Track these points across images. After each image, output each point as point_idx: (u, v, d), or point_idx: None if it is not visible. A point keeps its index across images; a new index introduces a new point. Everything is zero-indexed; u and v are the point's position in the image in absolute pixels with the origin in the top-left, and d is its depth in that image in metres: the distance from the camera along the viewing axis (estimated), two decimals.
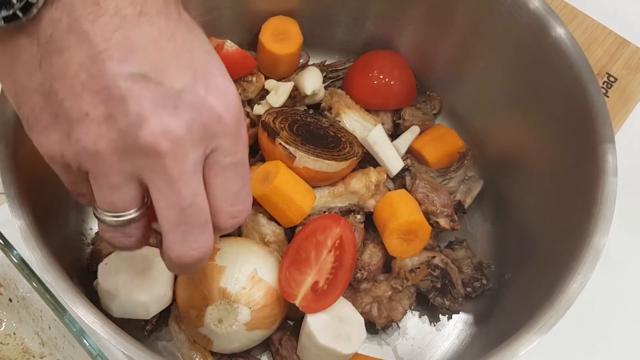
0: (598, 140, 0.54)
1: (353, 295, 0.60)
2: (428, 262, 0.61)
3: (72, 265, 0.58)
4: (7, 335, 0.58)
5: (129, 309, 0.53)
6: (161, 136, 0.33)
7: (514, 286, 0.62)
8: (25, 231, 0.45)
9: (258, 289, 0.54)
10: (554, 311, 0.48)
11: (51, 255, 0.45)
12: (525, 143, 0.65)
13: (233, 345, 0.56)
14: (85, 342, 0.50)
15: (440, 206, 0.62)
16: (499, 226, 0.68)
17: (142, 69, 0.32)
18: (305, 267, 0.55)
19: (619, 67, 0.80)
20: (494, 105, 0.67)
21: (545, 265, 0.57)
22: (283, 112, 0.64)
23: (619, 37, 0.82)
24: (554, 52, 0.57)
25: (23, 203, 0.46)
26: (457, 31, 0.67)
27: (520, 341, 0.47)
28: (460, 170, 0.67)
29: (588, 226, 0.51)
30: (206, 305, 0.53)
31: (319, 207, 0.61)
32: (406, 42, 0.72)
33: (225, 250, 0.56)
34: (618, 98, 0.79)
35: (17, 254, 0.53)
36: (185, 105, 0.33)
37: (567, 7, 0.84)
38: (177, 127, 0.33)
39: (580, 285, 0.49)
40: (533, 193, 0.63)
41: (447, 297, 0.61)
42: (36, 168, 0.52)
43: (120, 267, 0.54)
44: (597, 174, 0.53)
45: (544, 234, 0.60)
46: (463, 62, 0.68)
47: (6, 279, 0.57)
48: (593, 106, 0.54)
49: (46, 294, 0.52)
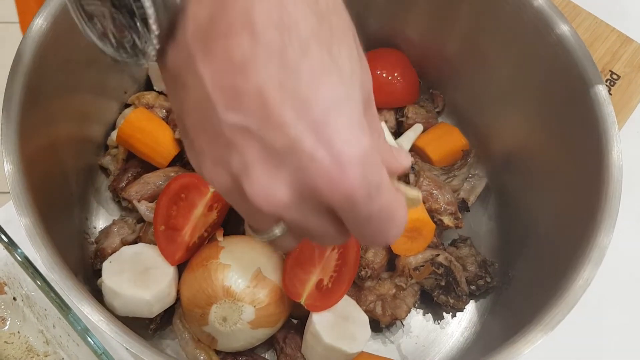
0: (603, 138, 0.53)
1: (357, 293, 0.60)
2: (432, 260, 0.61)
3: (76, 263, 0.58)
4: (11, 334, 0.58)
5: (133, 307, 0.53)
6: (263, 200, 0.31)
7: (518, 284, 0.62)
8: (30, 229, 0.45)
9: (262, 287, 0.54)
10: (559, 309, 0.48)
11: (56, 254, 0.45)
12: (529, 141, 0.65)
13: (237, 343, 0.55)
14: (90, 341, 0.50)
15: (444, 204, 0.62)
16: (503, 224, 0.68)
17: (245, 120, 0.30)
18: (310, 266, 0.55)
19: (622, 64, 0.80)
20: (498, 102, 0.67)
21: (550, 263, 0.57)
22: None
23: (622, 34, 0.82)
24: (558, 50, 0.57)
25: (28, 201, 0.46)
26: (461, 29, 0.66)
27: (525, 339, 0.47)
28: (463, 168, 0.67)
29: (593, 224, 0.51)
30: (210, 303, 0.53)
31: None
32: (409, 40, 0.72)
33: (230, 249, 0.56)
34: (621, 96, 0.78)
35: (21, 252, 0.53)
36: (287, 164, 0.30)
37: (569, 4, 0.83)
38: (278, 193, 0.31)
39: (586, 282, 0.49)
40: (537, 191, 0.63)
41: (451, 295, 0.61)
42: (41, 167, 0.52)
43: (124, 266, 0.54)
44: (602, 172, 0.52)
45: (549, 231, 0.60)
46: (466, 59, 0.68)
47: (10, 278, 0.57)
48: (597, 103, 0.54)
49: (51, 293, 0.52)
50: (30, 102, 0.50)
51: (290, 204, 0.31)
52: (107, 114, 0.66)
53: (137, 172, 0.64)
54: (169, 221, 0.56)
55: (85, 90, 0.61)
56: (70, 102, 0.58)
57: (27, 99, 0.49)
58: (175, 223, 0.56)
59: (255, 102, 0.29)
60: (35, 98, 0.51)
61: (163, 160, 0.63)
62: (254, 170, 0.31)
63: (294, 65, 0.29)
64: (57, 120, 0.56)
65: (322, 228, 0.33)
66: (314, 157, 0.29)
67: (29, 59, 0.50)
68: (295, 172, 0.30)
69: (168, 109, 0.67)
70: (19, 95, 0.49)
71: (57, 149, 0.57)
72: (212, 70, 0.30)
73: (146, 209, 0.59)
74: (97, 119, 0.65)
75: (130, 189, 0.61)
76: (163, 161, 0.63)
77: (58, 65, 0.54)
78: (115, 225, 0.61)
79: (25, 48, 0.50)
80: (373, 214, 0.31)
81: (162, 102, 0.67)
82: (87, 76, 0.60)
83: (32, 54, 0.50)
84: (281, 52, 0.29)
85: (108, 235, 0.60)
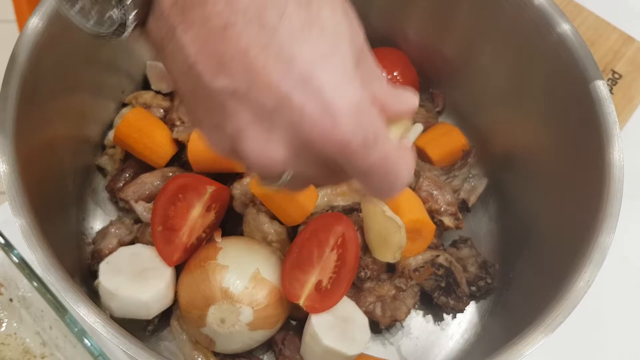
0: (604, 138, 0.53)
1: (356, 294, 0.60)
2: (432, 261, 0.60)
3: (73, 264, 0.58)
4: (8, 336, 0.57)
5: (130, 308, 0.53)
6: (258, 160, 0.32)
7: (518, 285, 0.62)
8: (26, 230, 0.45)
9: (261, 288, 0.54)
10: (560, 310, 0.47)
11: (52, 255, 0.45)
12: (530, 140, 0.64)
13: (236, 345, 0.55)
14: (87, 342, 0.49)
15: (444, 204, 0.62)
16: (504, 224, 0.68)
17: (233, 84, 0.30)
18: (308, 267, 0.55)
19: (624, 64, 0.80)
20: (498, 102, 0.67)
21: (551, 264, 0.57)
22: None
23: (623, 33, 0.81)
24: (559, 49, 0.57)
25: (24, 202, 0.46)
26: (461, 28, 0.66)
27: (526, 341, 0.46)
28: (464, 169, 0.66)
29: (594, 224, 0.50)
30: (208, 305, 0.53)
31: (322, 206, 0.61)
32: (409, 39, 0.71)
33: (228, 249, 0.55)
34: (623, 95, 0.78)
35: (17, 253, 0.53)
36: (280, 123, 0.31)
37: (571, 3, 0.83)
38: (273, 152, 0.31)
39: (587, 284, 0.48)
40: (538, 191, 0.63)
41: (452, 296, 0.61)
42: (37, 167, 0.52)
43: (121, 267, 0.54)
44: (603, 172, 0.52)
45: (549, 232, 0.60)
46: (467, 59, 0.68)
47: (7, 279, 0.57)
48: (599, 103, 0.54)
49: (47, 294, 0.51)
50: (26, 102, 0.49)
51: (289, 159, 0.32)
52: (104, 113, 0.66)
53: (134, 172, 0.64)
54: (167, 222, 0.56)
55: (82, 90, 0.61)
56: (67, 101, 0.58)
57: (23, 99, 0.49)
58: (173, 224, 0.56)
59: (240, 66, 0.30)
60: (31, 98, 0.50)
61: (160, 160, 0.63)
62: (248, 134, 0.31)
63: (274, 26, 0.30)
64: (53, 120, 0.56)
65: (324, 176, 0.34)
66: (303, 111, 0.30)
67: (25, 59, 0.50)
68: (289, 129, 0.31)
69: (166, 109, 0.67)
70: (15, 95, 0.48)
71: (53, 149, 0.57)
72: (194, 39, 0.31)
73: (143, 210, 0.59)
74: (94, 119, 0.65)
75: (128, 189, 0.61)
76: (160, 161, 0.63)
77: (54, 65, 0.54)
78: (112, 226, 0.60)
79: (20, 48, 0.50)
80: (374, 164, 0.31)
81: (160, 102, 0.67)
82: (84, 75, 0.60)
83: (28, 54, 0.50)
84: (259, 14, 0.29)
85: (105, 236, 0.60)
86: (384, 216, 0.56)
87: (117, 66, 0.65)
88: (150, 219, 0.56)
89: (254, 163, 0.32)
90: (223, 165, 0.60)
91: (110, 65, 0.63)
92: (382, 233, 0.56)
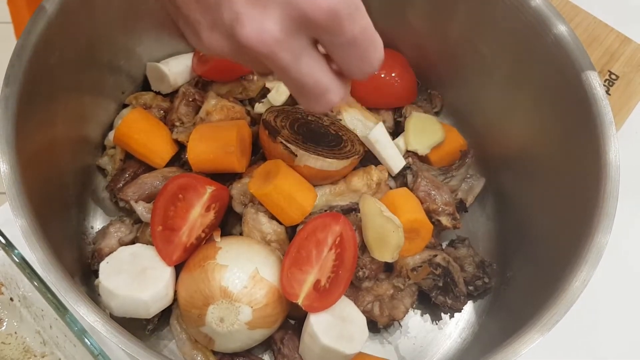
0: (600, 138, 0.53)
1: (355, 294, 0.60)
2: (430, 260, 0.60)
3: (73, 264, 0.58)
4: (8, 335, 0.58)
5: (130, 308, 0.53)
6: (257, 40, 0.34)
7: (515, 284, 0.62)
8: (26, 230, 0.45)
9: (260, 288, 0.54)
10: (556, 309, 0.48)
11: (53, 254, 0.45)
12: (527, 141, 0.65)
13: (235, 344, 0.55)
14: (87, 341, 0.50)
15: (442, 204, 0.62)
16: (501, 224, 0.68)
17: None
18: (307, 266, 0.55)
19: (621, 64, 0.80)
20: (496, 103, 0.67)
21: (548, 264, 0.57)
22: (284, 111, 0.63)
23: (620, 34, 0.82)
24: (556, 50, 0.57)
25: (24, 202, 0.46)
26: (458, 29, 0.66)
27: (522, 339, 0.47)
28: (461, 169, 0.67)
29: (590, 224, 0.51)
30: (208, 304, 0.53)
31: (320, 206, 0.61)
32: (406, 40, 0.72)
33: (227, 249, 0.56)
34: (620, 96, 0.78)
35: (18, 253, 0.53)
36: (274, 2, 0.34)
37: (568, 4, 0.83)
38: (269, 29, 0.34)
39: (583, 283, 0.49)
40: (535, 191, 0.63)
41: (449, 295, 0.61)
42: (37, 167, 0.52)
43: (121, 266, 0.54)
44: (599, 172, 0.52)
45: (546, 232, 0.60)
46: (464, 60, 0.68)
47: (7, 279, 0.57)
48: (595, 104, 0.54)
49: (47, 293, 0.52)
50: (27, 102, 0.50)
51: (282, 39, 0.35)
52: (104, 114, 0.66)
53: (134, 172, 0.64)
54: (167, 222, 0.56)
55: (83, 91, 0.61)
56: (68, 102, 0.58)
57: (24, 99, 0.49)
58: (173, 223, 0.56)
59: None
60: (32, 99, 0.51)
61: (160, 160, 0.63)
62: (244, 16, 0.34)
63: None
64: (54, 121, 0.56)
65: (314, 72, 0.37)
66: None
67: (26, 60, 0.50)
68: (282, 6, 0.34)
69: (165, 110, 0.67)
70: (16, 96, 0.49)
71: (54, 150, 0.57)
72: None
73: (143, 210, 0.59)
74: (95, 120, 0.65)
75: (128, 189, 0.61)
76: (160, 161, 0.63)
77: (54, 66, 0.54)
78: (112, 226, 0.61)
79: (21, 49, 0.50)
80: (357, 35, 0.35)
81: (160, 103, 0.67)
82: (84, 76, 0.60)
83: (29, 55, 0.50)
84: None
85: (105, 236, 0.60)
86: (382, 216, 0.56)
87: (117, 67, 0.65)
88: (150, 218, 0.56)
89: (249, 42, 0.34)
90: (222, 165, 0.60)
91: (110, 66, 0.64)
92: (380, 233, 0.56)
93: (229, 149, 0.59)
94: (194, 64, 0.68)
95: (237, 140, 0.59)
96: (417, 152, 0.66)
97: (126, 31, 0.63)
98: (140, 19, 0.63)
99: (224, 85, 0.67)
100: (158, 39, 0.67)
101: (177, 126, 0.64)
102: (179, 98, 0.66)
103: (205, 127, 0.62)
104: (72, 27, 0.55)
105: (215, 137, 0.60)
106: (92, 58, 0.60)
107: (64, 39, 0.54)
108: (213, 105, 0.64)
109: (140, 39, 0.65)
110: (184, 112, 0.66)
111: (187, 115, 0.66)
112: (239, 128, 0.60)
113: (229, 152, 0.59)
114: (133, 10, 0.62)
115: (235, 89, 0.67)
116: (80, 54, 0.57)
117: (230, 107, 0.65)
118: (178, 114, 0.65)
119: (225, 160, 0.59)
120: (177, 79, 0.67)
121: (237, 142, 0.59)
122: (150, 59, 0.68)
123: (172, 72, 0.67)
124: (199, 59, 0.68)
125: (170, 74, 0.66)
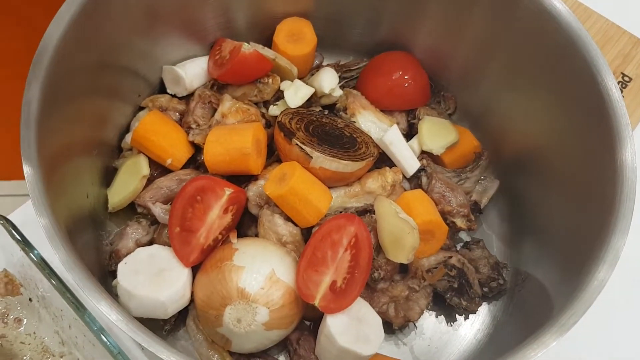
0: (616, 140, 0.53)
1: (370, 295, 0.60)
2: (445, 262, 0.61)
3: (92, 264, 0.58)
4: (27, 335, 0.58)
5: (147, 308, 0.54)
6: None
7: (530, 286, 0.62)
8: (49, 230, 0.45)
9: (276, 289, 0.54)
10: (573, 311, 0.48)
11: (75, 253, 0.45)
12: (541, 142, 0.65)
13: (251, 345, 0.56)
14: (106, 341, 0.50)
15: (456, 206, 0.62)
16: (515, 226, 0.68)
17: None
18: (323, 267, 0.55)
19: (634, 66, 0.80)
20: (510, 105, 0.67)
21: (562, 265, 0.57)
22: (299, 113, 0.64)
23: (633, 36, 0.82)
24: (571, 52, 0.57)
25: (47, 202, 0.47)
26: (472, 32, 0.67)
27: (538, 341, 0.47)
28: (476, 171, 0.67)
29: (607, 225, 0.51)
30: (225, 305, 0.53)
31: (335, 207, 0.61)
32: (420, 43, 0.72)
33: (243, 250, 0.56)
34: (633, 97, 0.78)
35: (37, 253, 0.54)
36: None
37: (580, 6, 0.83)
38: None
39: (601, 284, 0.48)
40: (550, 193, 0.63)
41: (464, 297, 0.61)
42: (58, 169, 0.53)
43: (139, 267, 0.55)
44: (615, 174, 0.52)
45: (561, 233, 0.60)
46: (478, 62, 0.68)
47: (26, 279, 0.58)
48: (611, 105, 0.54)
49: (67, 293, 0.52)
50: (48, 105, 0.50)
51: None
52: (121, 116, 0.67)
53: (151, 174, 0.64)
54: (184, 223, 0.56)
55: (101, 93, 0.62)
56: (86, 105, 0.59)
57: (45, 102, 0.50)
58: (191, 225, 0.56)
59: None
60: (53, 102, 0.51)
61: (177, 162, 0.64)
62: None
63: None
64: (73, 124, 0.57)
65: None
66: None
67: (47, 64, 0.51)
68: None
69: (181, 112, 0.68)
70: (38, 98, 0.49)
71: (72, 152, 0.58)
72: None
73: (161, 211, 0.60)
74: (112, 122, 0.66)
75: (145, 194, 0.62)
76: (177, 163, 0.64)
77: (74, 70, 0.55)
78: (129, 227, 0.61)
79: (43, 53, 0.51)
80: None
81: (176, 105, 0.68)
82: (102, 79, 0.61)
83: (50, 59, 0.51)
84: None
85: (122, 237, 0.61)
86: (397, 217, 0.56)
87: (134, 70, 0.66)
88: (168, 220, 0.57)
89: None
90: (238, 167, 0.60)
91: (127, 69, 0.64)
92: (395, 234, 0.57)
93: (245, 150, 0.59)
94: (209, 67, 0.68)
95: (253, 142, 0.59)
96: (432, 152, 0.67)
97: (143, 35, 0.63)
98: (157, 23, 0.64)
99: (239, 88, 0.68)
100: (174, 42, 0.67)
101: (193, 128, 0.65)
102: (194, 100, 0.67)
103: (222, 129, 0.62)
104: (90, 32, 0.56)
105: (231, 139, 0.60)
106: (110, 62, 0.61)
107: (83, 43, 0.54)
108: (228, 107, 0.65)
109: (157, 43, 0.66)
110: (199, 115, 0.66)
111: (203, 117, 0.66)
112: (254, 130, 0.61)
113: (245, 154, 0.59)
114: (151, 15, 0.62)
115: (250, 91, 0.68)
116: (98, 58, 0.58)
117: (246, 110, 0.65)
118: (194, 116, 0.66)
119: (241, 162, 0.60)
120: (192, 82, 0.68)
121: (253, 144, 0.59)
122: (166, 62, 0.69)
123: (188, 75, 0.67)
124: (215, 62, 0.68)
125: (186, 76, 0.67)
